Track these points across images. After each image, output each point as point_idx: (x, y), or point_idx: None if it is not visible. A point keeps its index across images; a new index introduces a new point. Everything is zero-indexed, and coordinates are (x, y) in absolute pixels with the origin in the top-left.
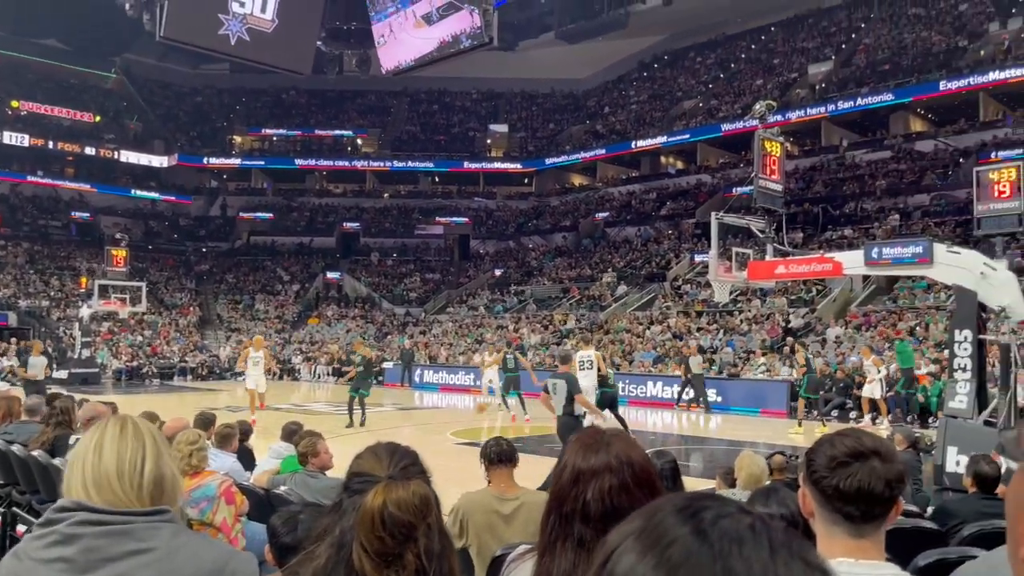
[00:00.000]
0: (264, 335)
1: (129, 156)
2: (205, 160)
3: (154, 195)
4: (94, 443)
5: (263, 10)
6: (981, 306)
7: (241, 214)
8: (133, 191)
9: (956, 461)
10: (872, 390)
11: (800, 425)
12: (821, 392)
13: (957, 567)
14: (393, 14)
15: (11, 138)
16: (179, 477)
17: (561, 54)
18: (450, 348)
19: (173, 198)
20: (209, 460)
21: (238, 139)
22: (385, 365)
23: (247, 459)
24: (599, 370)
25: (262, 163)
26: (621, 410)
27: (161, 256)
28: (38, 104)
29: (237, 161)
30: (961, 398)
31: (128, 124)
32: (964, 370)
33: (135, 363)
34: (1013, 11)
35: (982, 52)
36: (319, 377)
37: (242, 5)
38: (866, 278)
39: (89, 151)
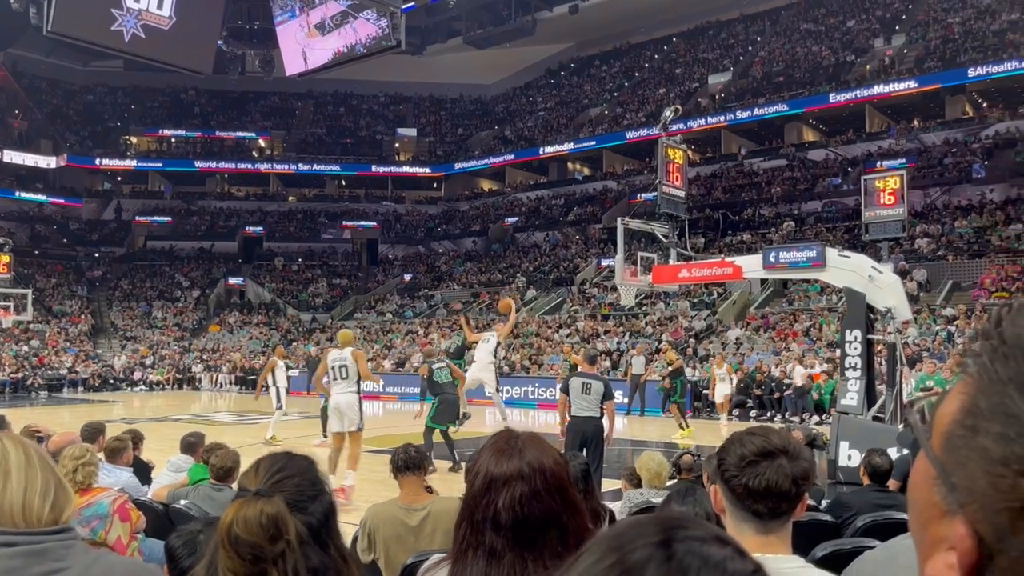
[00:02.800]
0: (163, 344)
1: (13, 156)
2: (97, 161)
3: (41, 197)
4: None
5: (160, 6)
6: (869, 307)
7: (137, 218)
8: (17, 193)
9: (848, 455)
10: (722, 390)
11: (685, 428)
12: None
13: (852, 557)
14: (286, 22)
15: None
16: (71, 492)
17: (469, 59)
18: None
19: (62, 201)
20: (101, 475)
21: (134, 140)
22: (291, 372)
23: (143, 472)
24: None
25: (160, 165)
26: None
27: (49, 262)
28: None
29: (132, 163)
30: (852, 395)
31: (12, 123)
32: (854, 368)
33: (20, 374)
34: (896, 28)
35: (868, 67)
36: (221, 386)
37: (137, 0)
38: (764, 281)
39: None
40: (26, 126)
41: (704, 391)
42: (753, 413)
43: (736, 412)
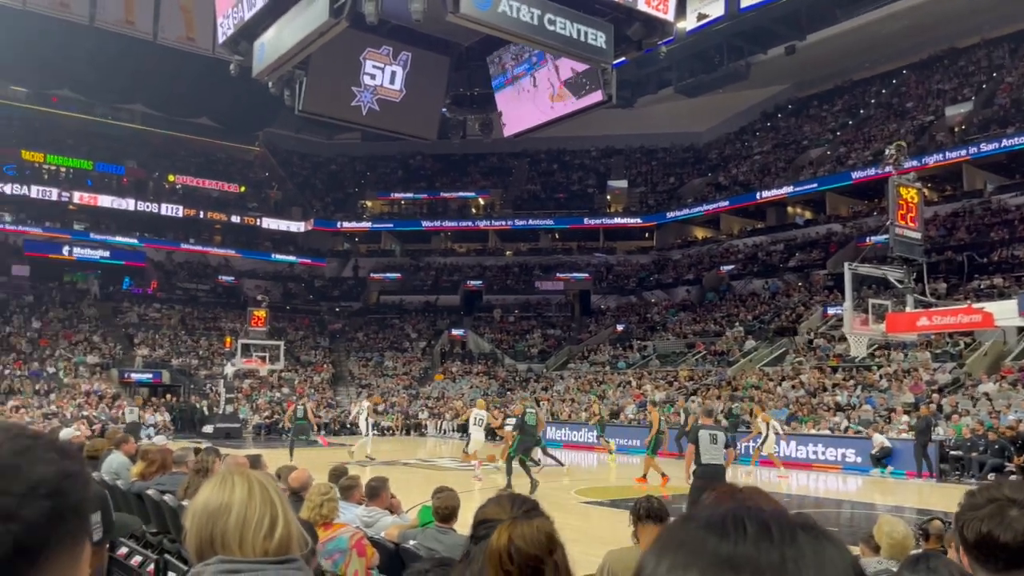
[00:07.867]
0: (393, 391)
1: (270, 223)
2: (338, 224)
3: (291, 258)
4: (223, 503)
5: (392, 81)
6: None
7: (372, 275)
8: (273, 255)
9: None
10: (768, 446)
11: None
12: (974, 454)
13: None
14: (509, 84)
15: (167, 209)
16: (299, 528)
17: (679, 108)
18: (572, 404)
19: (309, 261)
20: (339, 512)
21: (369, 203)
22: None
23: None
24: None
25: (391, 226)
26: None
27: (297, 316)
28: (191, 177)
29: (368, 224)
30: None
31: (269, 193)
32: None
33: (273, 418)
34: None
35: None
36: (444, 433)
37: (373, 78)
38: (1021, 330)
39: (235, 219)
40: (280, 196)
41: (952, 452)
42: (1013, 478)
43: (992, 476)
